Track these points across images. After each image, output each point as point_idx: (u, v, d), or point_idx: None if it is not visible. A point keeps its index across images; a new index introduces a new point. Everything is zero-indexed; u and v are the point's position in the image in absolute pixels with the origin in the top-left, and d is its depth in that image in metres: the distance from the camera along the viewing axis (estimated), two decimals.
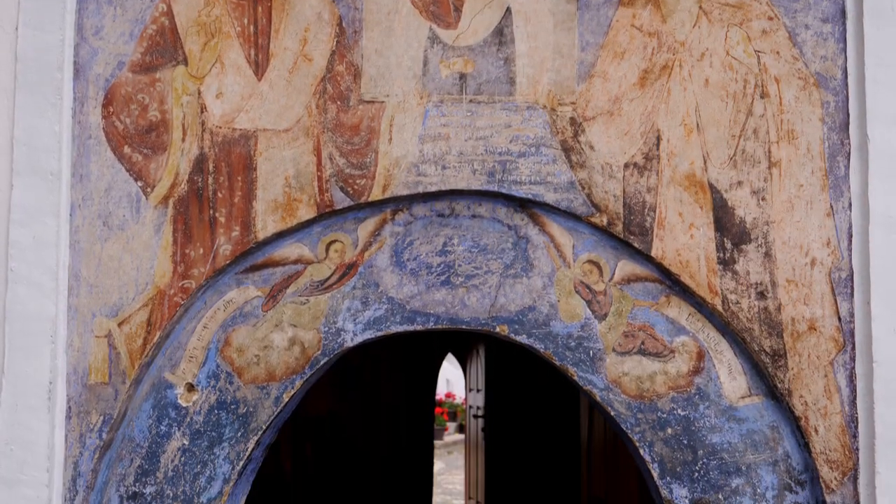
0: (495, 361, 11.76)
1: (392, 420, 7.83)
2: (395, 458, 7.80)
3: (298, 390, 3.54)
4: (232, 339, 3.54)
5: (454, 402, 24.71)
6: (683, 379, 3.50)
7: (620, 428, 3.52)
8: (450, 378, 25.79)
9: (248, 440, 3.50)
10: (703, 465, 3.48)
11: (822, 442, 3.42)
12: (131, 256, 3.51)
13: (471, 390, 13.66)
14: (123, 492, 3.51)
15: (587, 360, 3.51)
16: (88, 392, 3.48)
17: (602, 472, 5.26)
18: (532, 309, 3.53)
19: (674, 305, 3.53)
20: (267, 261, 3.56)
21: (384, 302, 3.54)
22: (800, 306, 3.46)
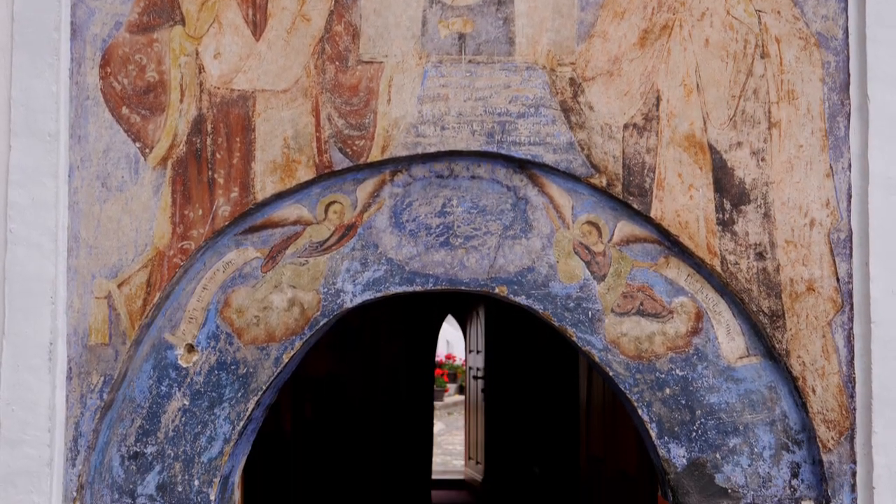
0: (495, 323, 11.78)
1: (392, 381, 7.85)
2: (395, 419, 7.84)
3: (298, 351, 3.55)
4: (231, 301, 3.55)
5: (454, 363, 24.76)
6: (682, 339, 3.51)
7: (619, 388, 3.54)
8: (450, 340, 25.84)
9: (249, 400, 3.52)
10: (700, 425, 3.49)
11: (819, 402, 3.44)
12: (130, 218, 3.50)
13: (470, 352, 13.70)
14: (124, 451, 3.53)
15: (586, 320, 3.52)
16: (89, 353, 3.49)
17: (600, 432, 5.29)
18: (531, 270, 3.53)
19: (672, 266, 3.53)
20: (266, 222, 3.56)
21: (383, 263, 3.54)
22: (798, 267, 3.46)
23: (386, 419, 7.81)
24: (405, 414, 7.90)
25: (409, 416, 7.92)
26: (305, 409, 7.40)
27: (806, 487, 3.49)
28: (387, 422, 7.81)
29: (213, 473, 3.50)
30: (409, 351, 8.01)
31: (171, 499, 3.50)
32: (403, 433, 7.91)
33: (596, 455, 5.45)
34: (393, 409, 7.84)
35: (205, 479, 3.50)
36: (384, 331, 7.78)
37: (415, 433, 7.99)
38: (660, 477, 3.63)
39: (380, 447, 7.76)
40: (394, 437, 7.86)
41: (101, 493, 3.52)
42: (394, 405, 7.84)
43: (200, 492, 3.50)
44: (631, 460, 4.68)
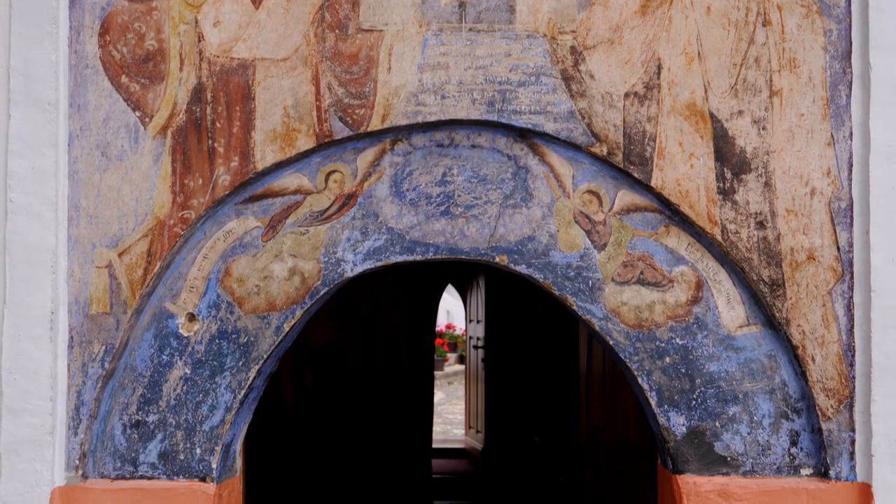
0: (495, 293, 11.79)
1: (392, 351, 7.87)
2: (396, 388, 7.86)
3: (299, 320, 3.55)
4: (232, 270, 3.55)
5: (454, 333, 24.83)
6: (682, 308, 3.52)
7: (619, 357, 3.54)
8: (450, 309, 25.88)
9: (250, 369, 3.53)
10: (700, 394, 3.51)
11: (818, 370, 3.45)
12: (130, 187, 3.50)
13: (471, 321, 13.72)
14: (126, 420, 3.54)
15: (586, 289, 3.52)
16: (90, 322, 3.50)
17: (600, 401, 5.31)
18: (531, 239, 3.53)
19: (673, 235, 3.53)
20: (266, 191, 3.55)
21: (384, 232, 3.54)
22: (799, 236, 3.46)
23: (386, 389, 7.83)
24: (405, 383, 7.92)
25: (409, 385, 7.94)
26: (306, 378, 7.42)
27: (805, 455, 3.50)
28: (387, 391, 7.83)
29: (214, 442, 3.52)
30: (410, 321, 8.02)
31: (173, 467, 3.52)
32: (404, 402, 7.93)
33: (596, 424, 5.47)
34: (393, 379, 7.86)
35: (206, 447, 3.51)
36: (384, 301, 7.79)
37: (415, 402, 8.01)
38: (659, 445, 3.64)
39: (380, 417, 7.78)
40: (394, 406, 7.88)
41: (103, 461, 3.54)
42: (394, 375, 7.86)
43: (202, 460, 3.51)
44: (631, 429, 4.70)
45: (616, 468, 5.01)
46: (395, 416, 7.87)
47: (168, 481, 3.52)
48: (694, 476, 3.50)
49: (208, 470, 3.51)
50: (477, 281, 12.88)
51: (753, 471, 3.50)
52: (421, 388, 8.09)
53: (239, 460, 3.76)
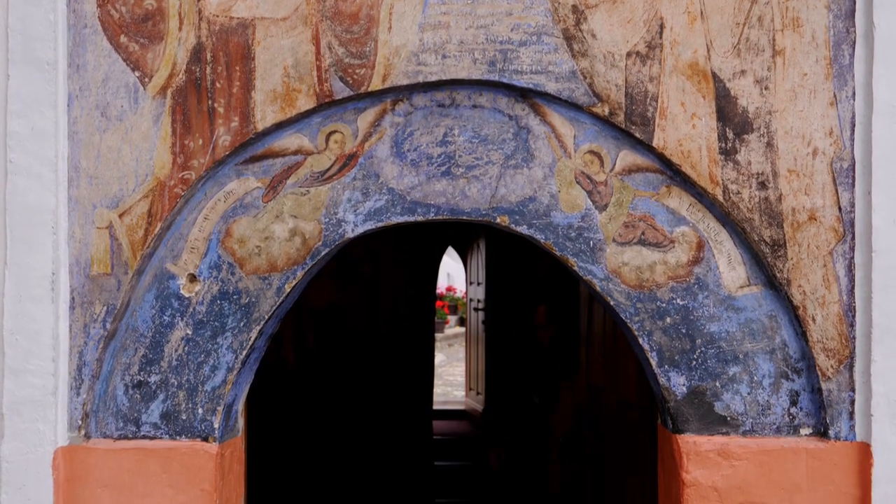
0: (495, 255, 11.82)
1: (393, 312, 7.88)
2: (397, 349, 7.88)
3: (300, 281, 3.55)
4: (233, 230, 3.54)
5: (455, 295, 24.87)
6: (683, 269, 3.52)
7: (620, 317, 3.55)
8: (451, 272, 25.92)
9: (251, 330, 3.53)
10: (700, 354, 3.51)
11: (819, 331, 3.45)
12: (130, 147, 3.49)
13: (471, 283, 13.77)
14: (128, 381, 3.55)
15: (587, 250, 3.52)
16: (91, 283, 3.50)
17: (601, 361, 5.32)
18: (533, 199, 3.53)
19: (674, 196, 3.52)
20: (266, 152, 3.54)
21: (384, 193, 3.53)
22: (800, 196, 3.45)
23: (387, 350, 7.85)
24: (406, 344, 7.94)
25: (410, 346, 7.96)
26: (307, 339, 7.44)
27: (804, 415, 3.52)
28: (388, 352, 7.85)
29: (216, 402, 3.53)
30: (410, 282, 8.03)
31: (175, 427, 3.53)
32: (405, 364, 7.95)
33: (596, 384, 5.49)
34: (394, 340, 7.88)
35: (208, 407, 3.53)
36: (385, 262, 7.79)
37: (416, 364, 8.03)
38: (659, 405, 3.66)
39: (381, 378, 7.81)
40: (395, 367, 7.90)
41: (105, 421, 3.55)
42: (395, 336, 7.88)
43: (204, 420, 3.53)
44: (631, 389, 4.71)
45: (616, 428, 5.03)
46: (396, 378, 7.89)
47: (170, 441, 3.54)
48: (694, 435, 3.51)
49: (210, 430, 3.52)
50: (477, 243, 12.90)
51: (753, 430, 3.52)
52: (422, 350, 8.10)
53: (241, 420, 3.78)
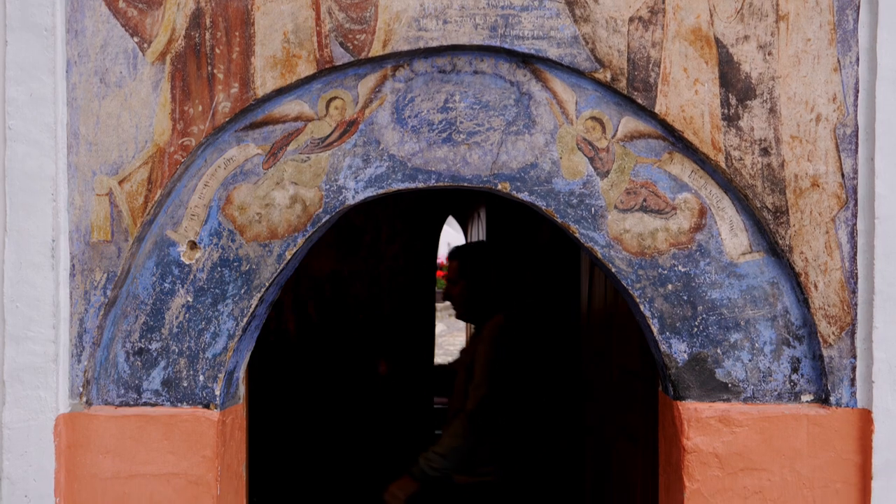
0: (496, 224, 11.78)
1: (394, 281, 7.87)
2: (398, 317, 7.87)
3: (300, 248, 3.54)
4: (233, 197, 3.53)
5: None
6: (685, 236, 3.50)
7: (621, 284, 3.54)
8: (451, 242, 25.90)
9: (252, 297, 3.53)
10: (702, 321, 3.51)
11: (821, 297, 3.44)
12: (130, 114, 3.47)
13: None
14: (129, 348, 3.55)
15: (589, 217, 3.51)
16: (91, 250, 3.49)
17: (602, 329, 5.32)
18: (534, 166, 3.51)
19: (677, 162, 3.50)
20: (267, 118, 3.52)
21: (385, 160, 3.52)
22: (803, 163, 3.44)
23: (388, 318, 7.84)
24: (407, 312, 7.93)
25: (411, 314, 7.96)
26: (308, 307, 7.43)
27: (806, 382, 3.51)
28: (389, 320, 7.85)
29: (217, 369, 3.53)
30: (411, 251, 8.01)
31: (176, 394, 3.54)
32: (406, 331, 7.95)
33: (597, 351, 5.49)
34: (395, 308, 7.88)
35: (209, 374, 3.53)
36: (386, 231, 7.78)
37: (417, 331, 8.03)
38: (661, 372, 3.66)
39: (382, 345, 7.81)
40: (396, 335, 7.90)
41: (107, 388, 3.56)
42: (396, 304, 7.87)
43: (205, 387, 3.53)
44: (632, 356, 4.71)
45: (617, 395, 5.04)
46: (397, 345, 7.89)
47: (171, 408, 3.54)
48: (695, 402, 3.51)
49: (212, 397, 3.53)
50: (478, 212, 12.84)
51: (754, 397, 3.52)
52: (423, 318, 8.10)
53: (242, 388, 3.78)
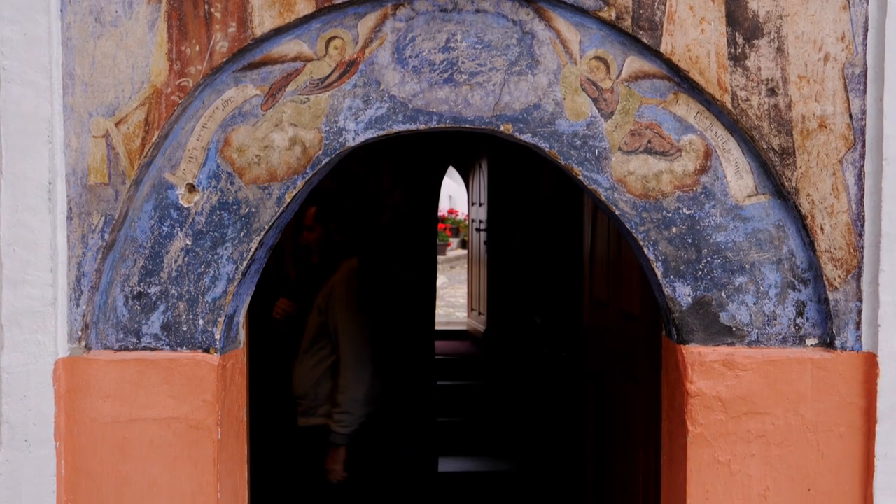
0: (497, 175, 11.74)
1: (394, 230, 7.81)
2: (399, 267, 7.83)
3: (300, 190, 3.50)
4: (232, 139, 3.48)
5: (457, 218, 24.85)
6: (690, 178, 3.45)
7: (625, 227, 3.50)
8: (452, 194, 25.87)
9: (251, 240, 3.49)
10: (706, 264, 3.47)
11: (827, 240, 3.40)
12: (126, 54, 3.41)
13: (473, 204, 13.72)
14: (128, 292, 3.52)
15: (592, 158, 3.46)
16: (89, 193, 3.44)
17: (604, 277, 5.28)
18: (537, 107, 3.45)
19: (682, 103, 3.44)
20: (265, 58, 3.46)
21: (386, 100, 3.46)
22: (811, 103, 3.38)
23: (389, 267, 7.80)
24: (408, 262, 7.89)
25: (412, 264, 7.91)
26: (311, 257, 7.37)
27: (811, 326, 3.48)
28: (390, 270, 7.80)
29: (217, 313, 3.50)
30: (412, 201, 7.95)
31: (176, 338, 3.51)
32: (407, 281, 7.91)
33: (600, 299, 5.46)
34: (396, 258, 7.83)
35: (209, 318, 3.50)
36: (386, 181, 7.71)
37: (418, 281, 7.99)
38: (664, 316, 3.62)
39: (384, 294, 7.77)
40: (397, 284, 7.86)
41: (106, 332, 3.53)
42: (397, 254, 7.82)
43: (205, 331, 3.50)
44: (635, 302, 4.68)
45: (619, 342, 5.02)
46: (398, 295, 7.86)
47: (171, 352, 3.51)
48: (699, 346, 3.48)
49: (212, 341, 3.50)
50: (479, 163, 12.82)
51: (759, 341, 3.49)
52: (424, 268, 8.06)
53: (242, 332, 3.75)
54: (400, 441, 7.95)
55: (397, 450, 7.92)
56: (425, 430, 8.28)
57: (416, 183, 7.96)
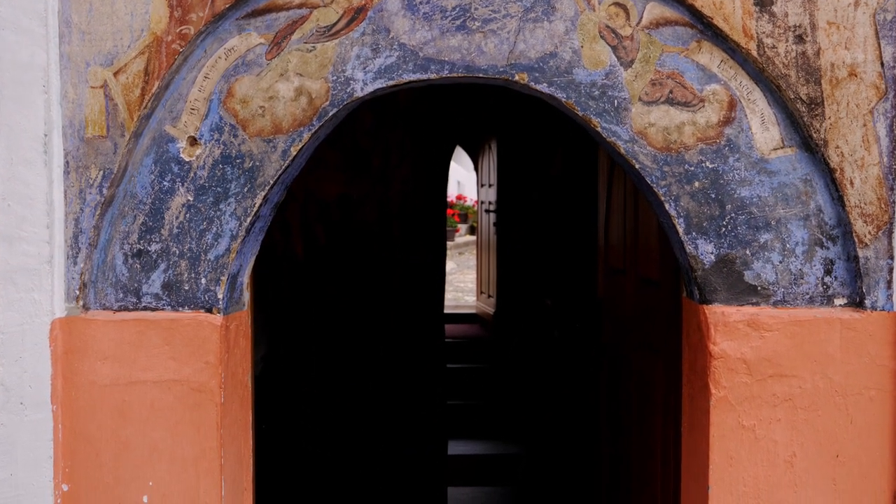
0: (507, 155, 11.62)
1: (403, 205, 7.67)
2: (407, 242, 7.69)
3: (307, 143, 3.35)
4: (235, 90, 3.33)
5: (465, 204, 24.73)
6: (713, 130, 3.30)
7: (645, 182, 3.35)
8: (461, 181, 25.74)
9: (255, 195, 3.34)
10: (730, 220, 3.32)
11: (857, 195, 3.25)
12: (124, 0, 3.27)
13: (482, 186, 13.59)
14: (128, 249, 3.38)
15: (611, 109, 3.30)
16: (86, 146, 3.31)
17: (620, 246, 5.14)
18: (553, 55, 3.30)
19: (705, 51, 3.29)
20: (269, 5, 3.31)
21: (395, 49, 3.31)
22: (840, 51, 3.23)
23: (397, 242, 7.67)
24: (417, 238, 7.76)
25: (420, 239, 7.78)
26: (317, 230, 7.26)
27: (839, 285, 3.33)
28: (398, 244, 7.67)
29: (220, 271, 3.36)
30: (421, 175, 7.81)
31: (177, 297, 3.37)
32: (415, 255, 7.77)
33: (616, 267, 5.31)
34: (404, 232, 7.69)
35: (212, 277, 3.36)
36: (395, 153, 7.56)
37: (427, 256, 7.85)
38: (685, 276, 3.48)
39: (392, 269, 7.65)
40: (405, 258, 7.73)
41: (104, 292, 3.39)
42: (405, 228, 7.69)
43: (208, 290, 3.36)
44: (653, 267, 4.53)
45: (636, 310, 4.87)
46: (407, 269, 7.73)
47: (172, 312, 3.38)
48: (722, 306, 3.33)
49: (214, 300, 3.36)
50: (489, 144, 12.71)
51: (785, 301, 3.34)
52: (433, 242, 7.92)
53: (247, 294, 3.61)
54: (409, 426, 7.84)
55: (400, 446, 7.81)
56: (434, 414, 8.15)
57: (425, 159, 7.81)
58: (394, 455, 7.76)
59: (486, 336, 12.41)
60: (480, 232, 14.03)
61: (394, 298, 7.79)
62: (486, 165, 13.03)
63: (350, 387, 7.63)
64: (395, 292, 7.79)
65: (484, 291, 13.44)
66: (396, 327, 7.83)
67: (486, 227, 13.25)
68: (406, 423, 7.87)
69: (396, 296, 7.79)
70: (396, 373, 7.85)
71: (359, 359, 7.67)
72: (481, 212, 13.72)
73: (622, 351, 5.16)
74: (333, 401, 7.60)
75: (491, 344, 11.96)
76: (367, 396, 7.65)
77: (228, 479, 3.42)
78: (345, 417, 7.64)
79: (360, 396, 7.65)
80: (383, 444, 7.74)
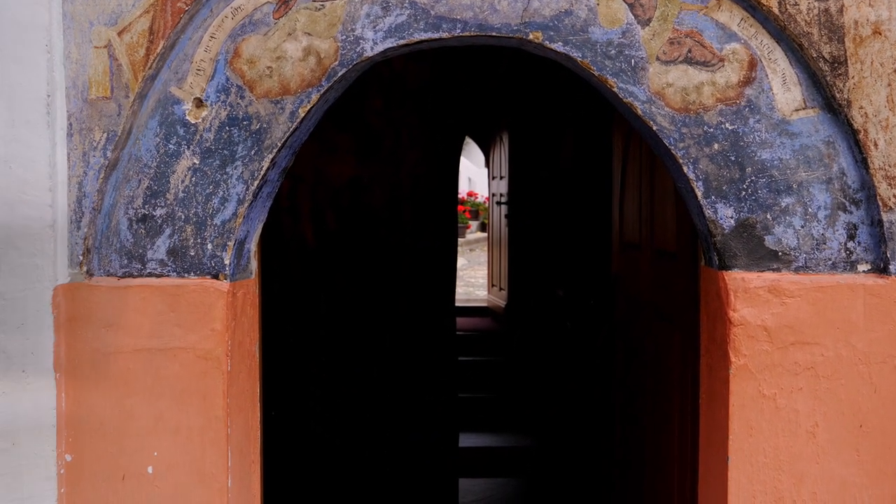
0: (519, 146, 11.55)
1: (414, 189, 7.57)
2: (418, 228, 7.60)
3: (315, 105, 3.26)
4: (242, 50, 3.25)
5: (476, 200, 24.66)
6: (733, 90, 3.21)
7: (663, 144, 3.25)
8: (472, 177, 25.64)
9: (263, 158, 3.26)
10: (751, 184, 3.22)
11: (881, 157, 3.15)
12: None
13: (494, 178, 13.52)
14: (132, 214, 3.30)
15: (628, 69, 3.21)
16: (90, 108, 3.23)
17: (636, 218, 5.04)
18: (569, 13, 3.21)
19: (725, 9, 3.20)
20: None
21: (406, 7, 3.22)
22: (864, 8, 3.13)
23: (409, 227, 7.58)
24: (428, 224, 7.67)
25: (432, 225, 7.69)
26: (326, 216, 7.18)
27: (863, 250, 3.23)
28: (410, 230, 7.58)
29: (226, 237, 3.28)
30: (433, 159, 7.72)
31: (183, 263, 3.29)
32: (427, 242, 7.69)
33: (631, 241, 5.22)
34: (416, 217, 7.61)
35: (218, 242, 3.28)
36: (406, 136, 7.47)
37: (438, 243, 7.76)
38: (704, 243, 3.38)
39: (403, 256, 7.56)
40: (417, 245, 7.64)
41: (109, 257, 3.31)
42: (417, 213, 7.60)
43: (214, 256, 3.28)
44: (670, 238, 4.43)
45: (652, 283, 4.77)
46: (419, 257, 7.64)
47: (178, 278, 3.29)
48: (742, 272, 3.24)
49: (221, 266, 3.28)
50: (500, 136, 12.65)
51: (807, 266, 3.24)
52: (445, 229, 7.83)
53: (254, 262, 3.53)
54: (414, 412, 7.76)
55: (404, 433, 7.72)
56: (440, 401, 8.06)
57: (435, 143, 7.72)
58: (398, 440, 7.68)
59: (497, 329, 12.32)
60: (491, 225, 13.95)
61: (403, 283, 7.70)
62: (498, 158, 12.96)
63: (356, 372, 7.54)
64: (404, 277, 7.69)
65: (495, 284, 13.36)
66: (406, 312, 7.74)
67: (498, 220, 13.17)
68: (412, 409, 7.79)
69: (405, 281, 7.70)
70: (402, 358, 7.76)
71: (365, 344, 7.59)
72: (492, 205, 13.64)
73: (637, 327, 5.07)
74: (340, 386, 7.52)
75: (503, 336, 11.87)
76: (372, 382, 7.56)
77: (235, 451, 3.34)
78: (351, 402, 7.56)
79: (366, 382, 7.57)
80: (388, 429, 7.66)
